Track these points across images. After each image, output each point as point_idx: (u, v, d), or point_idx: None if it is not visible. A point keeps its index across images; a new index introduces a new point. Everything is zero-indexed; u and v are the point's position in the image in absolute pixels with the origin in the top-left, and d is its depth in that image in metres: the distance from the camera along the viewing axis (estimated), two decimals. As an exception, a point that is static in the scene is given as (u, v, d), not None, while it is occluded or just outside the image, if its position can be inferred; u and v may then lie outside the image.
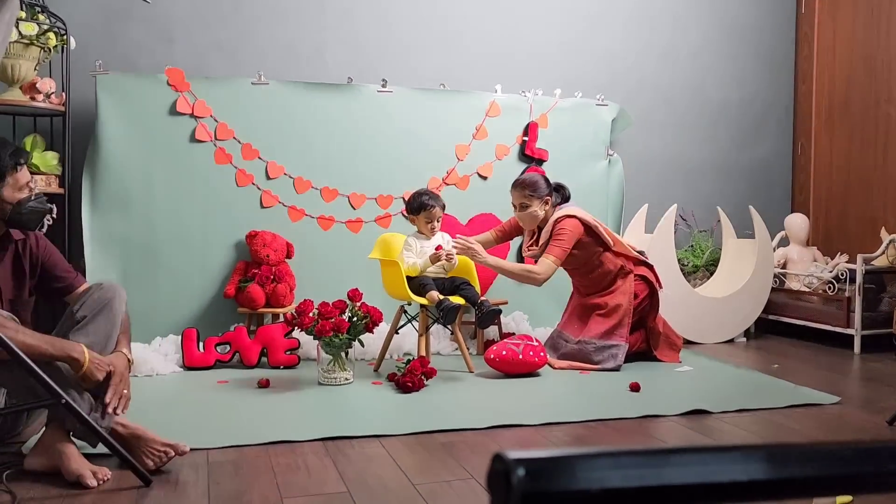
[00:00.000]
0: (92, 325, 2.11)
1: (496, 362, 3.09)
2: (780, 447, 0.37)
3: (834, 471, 0.38)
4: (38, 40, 3.18)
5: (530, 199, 3.35)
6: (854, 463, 0.40)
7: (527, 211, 3.36)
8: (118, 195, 3.41)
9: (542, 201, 3.36)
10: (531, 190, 3.35)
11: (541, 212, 3.36)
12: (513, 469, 0.33)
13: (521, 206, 3.37)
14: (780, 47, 4.81)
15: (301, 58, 3.92)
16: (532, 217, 3.37)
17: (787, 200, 4.88)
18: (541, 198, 3.36)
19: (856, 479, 0.40)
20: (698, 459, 0.36)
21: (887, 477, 0.42)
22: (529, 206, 3.35)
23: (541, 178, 3.41)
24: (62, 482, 1.89)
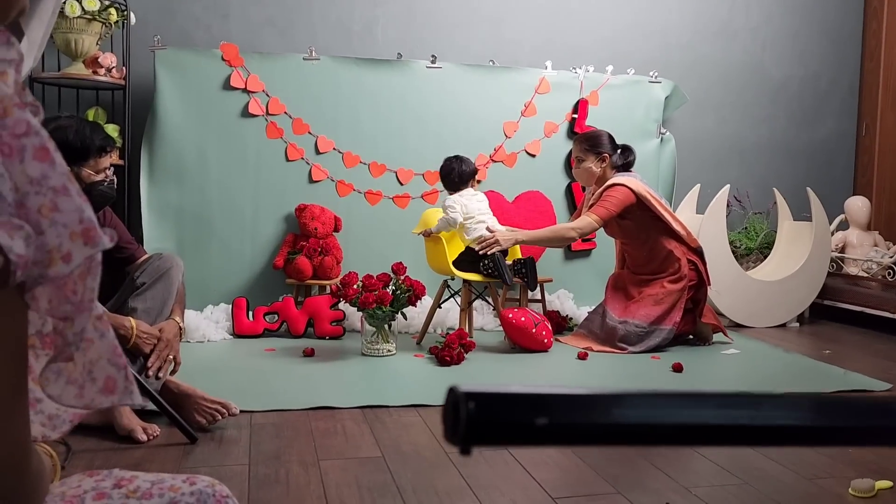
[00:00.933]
0: (150, 291, 2.21)
1: (510, 322, 3.08)
2: (720, 394, 0.38)
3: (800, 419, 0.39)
4: (99, 16, 3.30)
5: (586, 153, 3.30)
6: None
7: (581, 165, 3.32)
8: (174, 167, 3.52)
9: (598, 158, 3.30)
10: (589, 144, 3.30)
11: (596, 168, 3.31)
12: (463, 401, 0.35)
13: (577, 159, 3.34)
14: (845, 22, 4.62)
15: (352, 34, 3.96)
16: (586, 173, 3.32)
17: (849, 183, 4.71)
18: (598, 154, 3.30)
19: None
20: (651, 403, 0.38)
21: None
22: (584, 160, 3.30)
23: (604, 134, 3.35)
24: (114, 436, 1.99)
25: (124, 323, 2.06)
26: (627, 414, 0.37)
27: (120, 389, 0.73)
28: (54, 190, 0.61)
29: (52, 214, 0.62)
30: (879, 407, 0.43)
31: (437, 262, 3.28)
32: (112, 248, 2.26)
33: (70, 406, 0.75)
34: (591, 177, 3.32)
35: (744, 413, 0.39)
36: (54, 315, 0.69)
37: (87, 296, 0.68)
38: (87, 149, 2.15)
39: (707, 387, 2.63)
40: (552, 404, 0.35)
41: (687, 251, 3.32)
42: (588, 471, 1.85)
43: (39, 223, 0.62)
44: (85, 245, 0.63)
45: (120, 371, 0.73)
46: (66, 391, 0.74)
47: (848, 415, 0.41)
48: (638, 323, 3.21)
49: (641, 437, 0.37)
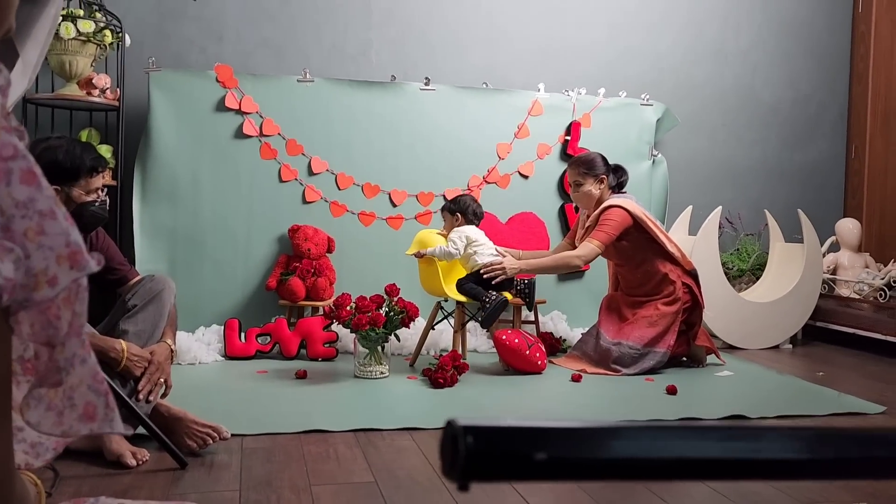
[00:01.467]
0: (142, 313, 2.20)
1: (503, 343, 3.07)
2: (718, 428, 0.38)
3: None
4: (94, 37, 3.31)
5: (584, 177, 3.31)
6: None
7: (580, 189, 3.32)
8: (167, 188, 3.51)
9: (596, 180, 3.32)
10: (586, 168, 3.31)
11: (595, 191, 3.32)
12: (461, 435, 0.34)
13: (575, 184, 3.34)
14: (835, 47, 4.68)
15: (346, 56, 3.98)
16: (586, 196, 3.33)
17: (839, 205, 4.74)
18: (596, 176, 3.31)
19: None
20: (651, 435, 0.37)
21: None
22: (583, 184, 3.31)
23: (598, 157, 3.37)
24: (103, 461, 1.97)
25: (115, 346, 2.04)
26: (627, 447, 0.36)
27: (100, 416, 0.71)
28: (41, 213, 0.60)
29: (39, 238, 0.61)
30: (879, 439, 0.43)
31: (430, 284, 3.27)
32: (103, 270, 2.26)
33: (48, 433, 0.73)
34: (591, 199, 3.33)
35: (745, 446, 0.38)
36: (36, 340, 0.68)
37: (76, 321, 0.67)
38: (78, 169, 2.14)
39: (702, 409, 2.62)
40: (551, 438, 0.35)
41: (682, 273, 3.32)
42: (584, 496, 1.83)
43: (26, 246, 0.61)
44: (71, 269, 0.61)
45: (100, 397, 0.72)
46: (45, 418, 0.72)
47: (849, 447, 0.41)
48: (632, 345, 3.20)
49: (642, 472, 0.36)
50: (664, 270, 3.29)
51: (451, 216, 3.29)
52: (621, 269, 3.44)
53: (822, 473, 0.40)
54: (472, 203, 3.30)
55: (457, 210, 3.28)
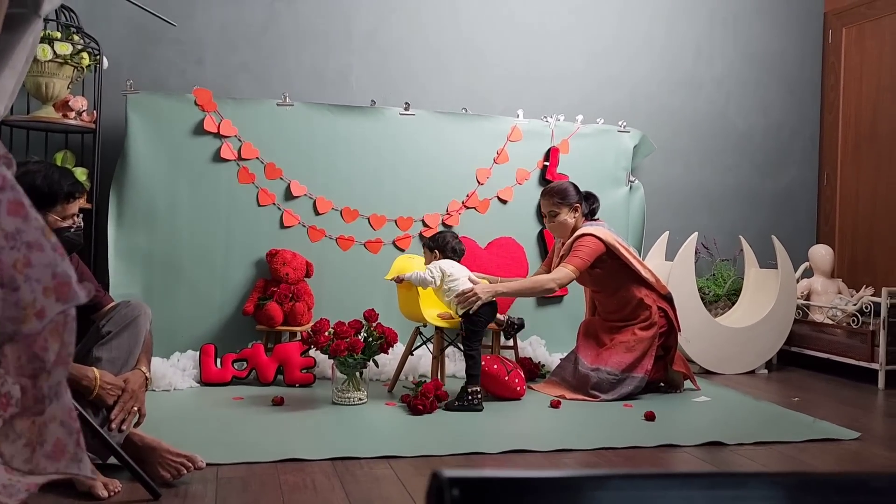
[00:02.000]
0: (116, 340, 2.16)
1: (483, 370, 3.03)
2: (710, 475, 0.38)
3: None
4: (71, 59, 3.28)
5: (559, 206, 3.33)
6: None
7: (556, 219, 3.34)
8: (143, 211, 3.48)
9: (571, 209, 3.34)
10: (560, 197, 3.33)
11: (570, 220, 3.34)
12: (447, 487, 0.34)
13: (550, 214, 3.35)
14: (806, 76, 4.78)
15: (326, 81, 3.99)
16: (562, 226, 3.34)
17: (812, 231, 4.82)
18: (570, 205, 3.33)
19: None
20: (636, 485, 0.37)
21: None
22: (559, 213, 3.33)
23: (570, 186, 3.39)
24: (74, 492, 1.92)
25: (87, 373, 2.00)
26: (612, 497, 0.36)
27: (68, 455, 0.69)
28: (28, 245, 0.59)
29: (26, 270, 0.60)
30: (859, 484, 0.43)
31: (409, 309, 3.26)
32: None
33: (17, 469, 0.71)
34: (567, 228, 3.35)
35: (728, 494, 0.38)
36: (22, 374, 0.66)
37: (63, 351, 0.66)
38: (55, 194, 2.12)
39: (680, 436, 2.63)
40: (537, 489, 0.34)
41: (657, 298, 3.35)
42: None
43: (14, 279, 0.60)
44: (58, 301, 0.60)
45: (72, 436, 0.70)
46: (20, 453, 0.71)
47: (830, 494, 0.41)
48: (610, 370, 3.21)
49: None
50: (639, 296, 3.31)
51: (430, 253, 3.21)
52: (597, 295, 3.46)
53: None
54: (452, 240, 3.20)
55: (435, 247, 3.19)
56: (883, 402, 3.44)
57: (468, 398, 2.92)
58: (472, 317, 3.01)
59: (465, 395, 2.93)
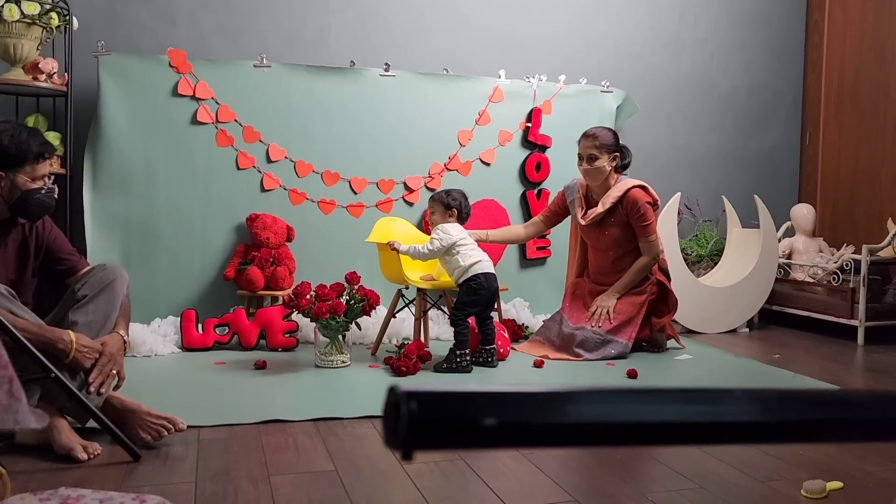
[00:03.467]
0: (92, 304, 2.12)
1: None
2: (667, 390, 0.36)
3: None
4: (40, 20, 3.19)
5: (600, 150, 3.28)
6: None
7: (594, 164, 3.29)
8: (119, 176, 3.41)
9: (610, 157, 3.30)
10: (602, 141, 3.30)
11: (608, 167, 3.30)
12: (403, 401, 0.32)
13: (590, 157, 3.30)
14: (789, 35, 4.75)
15: (304, 41, 3.91)
16: (598, 172, 3.29)
17: (794, 191, 4.83)
18: (610, 152, 3.30)
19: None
20: (606, 399, 0.35)
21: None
22: (598, 158, 3.28)
23: (612, 133, 3.36)
24: (53, 456, 1.90)
25: (63, 336, 1.96)
26: (582, 412, 0.34)
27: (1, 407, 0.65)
28: None
29: None
30: (837, 400, 0.42)
31: (391, 272, 3.24)
32: (52, 260, 2.19)
33: None
34: (603, 174, 3.31)
35: (703, 409, 0.37)
36: None
37: None
38: (24, 154, 2.07)
39: (661, 392, 2.64)
40: (501, 403, 0.33)
41: (656, 270, 3.35)
42: (545, 479, 1.83)
43: None
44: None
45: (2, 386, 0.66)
46: None
47: (807, 408, 0.40)
48: (595, 329, 3.22)
49: (597, 437, 0.34)
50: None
51: (446, 210, 3.08)
52: (600, 253, 3.41)
53: (780, 436, 0.39)
54: (465, 201, 3.11)
55: (454, 206, 3.08)
56: (862, 357, 3.48)
57: (457, 360, 2.92)
58: (472, 283, 2.98)
59: (454, 358, 2.92)
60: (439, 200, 3.11)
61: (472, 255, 3.02)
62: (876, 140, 4.36)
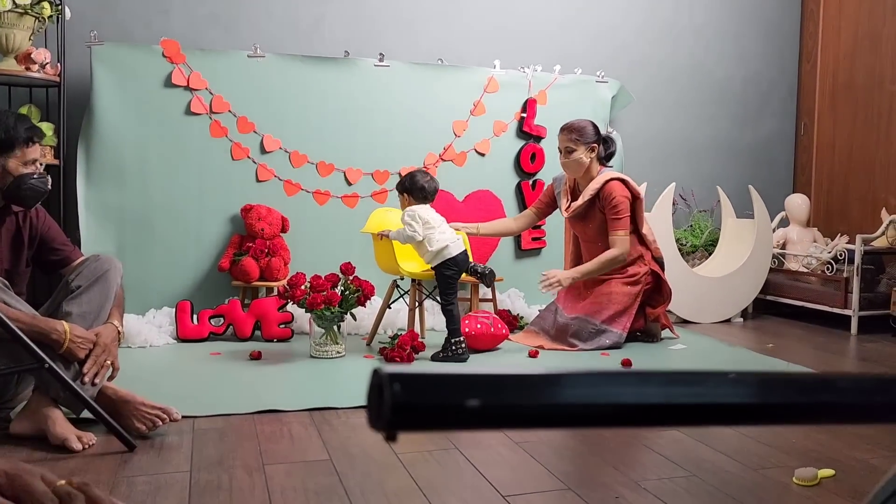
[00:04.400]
0: (86, 294, 2.12)
1: (469, 336, 3.05)
2: (647, 373, 0.36)
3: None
4: (32, 10, 3.17)
5: (576, 143, 3.28)
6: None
7: (571, 156, 3.29)
8: (113, 167, 3.40)
9: (588, 148, 3.29)
10: (578, 134, 3.29)
11: (586, 159, 3.29)
12: (387, 383, 0.32)
13: (567, 150, 3.30)
14: (784, 25, 4.74)
15: (298, 31, 3.89)
16: (577, 164, 3.29)
17: (789, 181, 4.84)
18: (587, 144, 3.29)
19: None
20: (591, 382, 0.35)
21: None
22: (575, 150, 3.28)
23: (590, 124, 3.34)
24: (47, 446, 1.90)
25: (56, 327, 1.96)
26: (566, 394, 0.34)
27: None
28: None
29: None
30: (824, 383, 0.42)
31: (386, 262, 3.24)
32: (46, 251, 2.18)
33: None
34: (581, 167, 3.31)
35: (687, 391, 0.37)
36: None
37: None
38: (13, 139, 2.06)
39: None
40: (484, 385, 0.33)
41: (650, 259, 3.35)
42: (538, 468, 1.84)
43: None
44: None
45: None
46: None
47: (794, 392, 0.40)
48: (590, 319, 3.22)
49: (581, 419, 0.34)
50: (634, 255, 3.31)
51: (402, 197, 3.08)
52: (589, 244, 3.41)
53: (765, 418, 0.39)
54: (422, 178, 3.04)
55: (404, 190, 3.06)
56: (855, 346, 3.50)
57: (452, 349, 2.93)
58: (444, 270, 2.98)
59: (450, 346, 2.93)
60: (397, 188, 3.13)
61: (441, 238, 2.96)
62: (870, 130, 4.37)
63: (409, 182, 3.05)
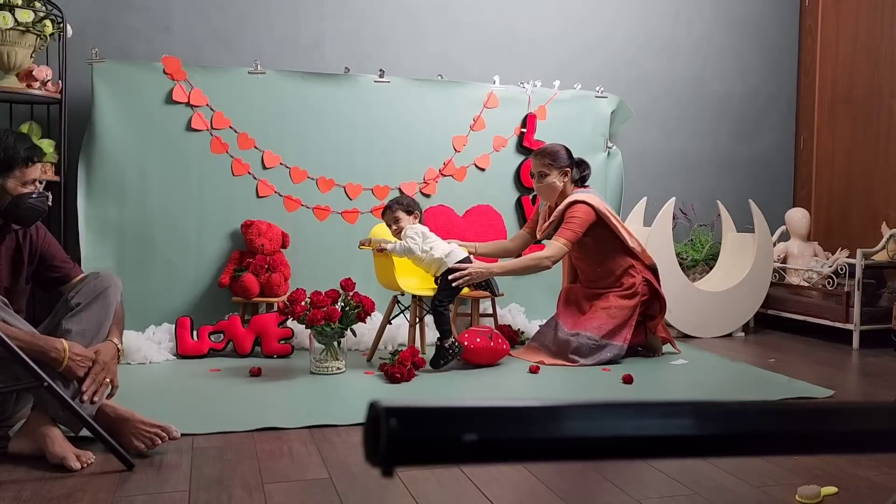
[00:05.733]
0: (86, 312, 2.11)
1: (469, 350, 3.05)
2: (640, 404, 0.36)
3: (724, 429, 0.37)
4: (34, 27, 3.18)
5: (549, 167, 3.28)
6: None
7: (544, 181, 3.30)
8: (114, 183, 3.41)
9: (560, 172, 3.29)
10: (550, 159, 3.29)
11: (559, 183, 3.30)
12: (384, 417, 0.32)
13: (540, 174, 3.31)
14: (782, 40, 4.77)
15: (298, 48, 3.91)
16: (550, 188, 3.30)
17: (789, 195, 4.84)
18: (560, 168, 3.29)
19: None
20: (588, 414, 0.35)
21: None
22: (548, 175, 3.29)
23: (562, 149, 3.35)
24: (46, 465, 1.89)
25: (55, 345, 1.96)
26: (564, 427, 0.34)
27: None
28: None
29: None
30: (822, 414, 0.42)
31: (386, 278, 3.24)
32: (46, 268, 2.18)
33: None
34: (554, 192, 3.32)
35: (688, 423, 0.36)
36: None
37: None
38: (12, 159, 2.06)
39: (657, 397, 2.64)
40: (481, 418, 0.32)
41: (642, 268, 3.34)
42: (539, 486, 1.83)
43: None
44: None
45: None
46: None
47: (794, 421, 0.40)
48: (590, 335, 3.21)
49: (580, 452, 0.34)
50: (625, 266, 3.30)
51: (409, 215, 3.17)
52: (582, 263, 3.43)
53: (763, 449, 0.39)
54: (408, 200, 3.25)
55: (415, 210, 3.20)
56: (857, 360, 3.49)
57: (448, 352, 2.97)
58: (448, 275, 3.04)
59: (445, 351, 2.97)
60: (400, 208, 3.18)
61: (443, 247, 3.11)
62: (870, 144, 4.38)
63: (415, 204, 3.22)
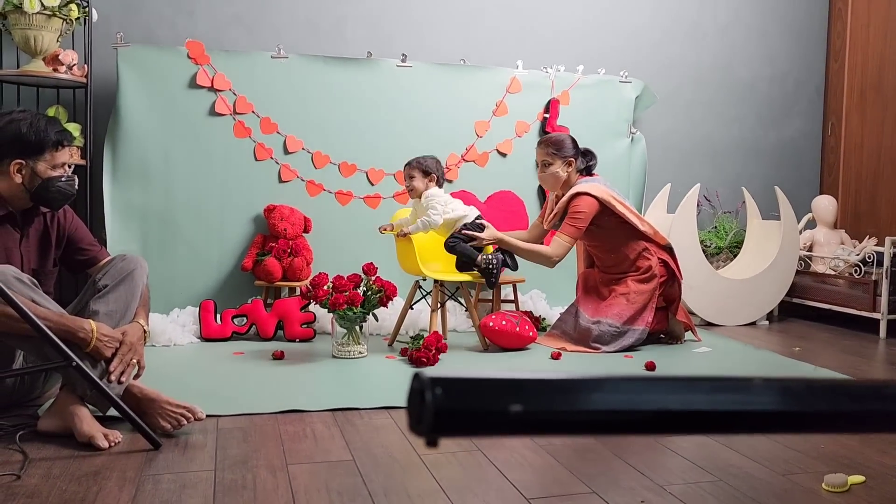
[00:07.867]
0: (113, 293, 2.14)
1: (492, 330, 3.06)
2: (686, 379, 0.35)
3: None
4: (60, 12, 3.21)
5: (553, 157, 3.26)
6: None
7: (548, 170, 3.28)
8: (138, 167, 3.44)
9: (564, 162, 3.27)
10: (555, 148, 3.27)
11: (563, 173, 3.28)
12: (428, 387, 0.32)
13: (543, 164, 3.29)
14: (811, 24, 4.68)
15: (320, 32, 3.90)
16: (553, 177, 3.29)
17: (816, 182, 4.77)
18: (564, 158, 3.27)
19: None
20: (634, 388, 0.34)
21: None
22: (551, 164, 3.27)
23: (567, 138, 3.32)
24: (74, 443, 1.92)
25: (83, 325, 1.98)
26: (610, 400, 0.33)
27: None
28: None
29: None
30: (870, 391, 0.41)
31: (408, 263, 3.24)
32: (73, 250, 2.20)
33: None
34: (558, 181, 3.30)
35: (732, 398, 0.36)
36: None
37: None
38: (42, 142, 2.08)
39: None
40: (528, 390, 0.32)
41: (657, 249, 3.31)
42: (562, 470, 1.83)
43: None
44: None
45: None
46: None
47: (839, 399, 0.39)
48: (611, 322, 3.19)
49: (624, 426, 0.33)
50: (638, 249, 3.28)
51: (425, 177, 3.15)
52: (595, 251, 3.41)
53: (810, 426, 0.38)
54: (440, 166, 3.22)
55: (433, 172, 3.15)
56: (884, 350, 3.44)
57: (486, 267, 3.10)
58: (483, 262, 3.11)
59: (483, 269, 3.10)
60: (418, 167, 3.17)
61: (459, 209, 3.17)
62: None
63: (436, 166, 3.19)
